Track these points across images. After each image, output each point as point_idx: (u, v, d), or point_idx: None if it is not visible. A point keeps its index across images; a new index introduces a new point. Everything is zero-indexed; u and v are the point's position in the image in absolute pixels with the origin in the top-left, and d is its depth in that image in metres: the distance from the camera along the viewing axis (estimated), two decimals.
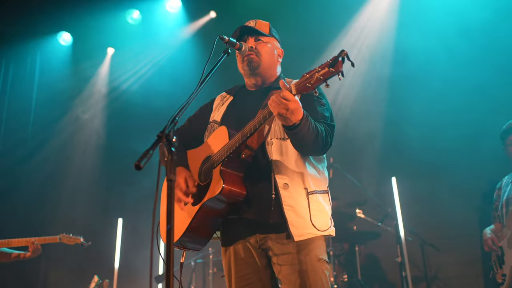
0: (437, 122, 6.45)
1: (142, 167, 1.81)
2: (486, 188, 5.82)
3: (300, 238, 2.53)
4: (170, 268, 1.77)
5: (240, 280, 2.70)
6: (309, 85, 2.23)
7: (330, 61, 2.17)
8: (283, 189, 2.56)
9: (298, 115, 2.35)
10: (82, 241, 5.20)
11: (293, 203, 2.55)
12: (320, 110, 2.68)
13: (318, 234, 2.60)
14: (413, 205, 6.31)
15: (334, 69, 2.15)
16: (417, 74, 6.64)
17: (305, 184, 2.62)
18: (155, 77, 8.20)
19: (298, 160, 2.63)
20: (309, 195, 2.61)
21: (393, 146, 6.61)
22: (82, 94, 8.50)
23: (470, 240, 6.11)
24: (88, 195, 7.91)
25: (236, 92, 3.01)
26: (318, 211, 2.62)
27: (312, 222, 2.57)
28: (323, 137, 2.54)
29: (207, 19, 8.03)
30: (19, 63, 8.39)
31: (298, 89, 2.28)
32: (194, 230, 2.66)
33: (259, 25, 2.90)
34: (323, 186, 2.74)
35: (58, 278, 7.92)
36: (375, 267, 6.86)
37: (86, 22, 7.95)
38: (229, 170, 2.59)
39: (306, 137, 2.46)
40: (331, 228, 2.68)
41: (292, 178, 2.59)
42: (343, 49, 2.16)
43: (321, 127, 2.56)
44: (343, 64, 2.14)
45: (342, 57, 2.13)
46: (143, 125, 7.45)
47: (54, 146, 8.16)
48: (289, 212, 2.54)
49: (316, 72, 2.21)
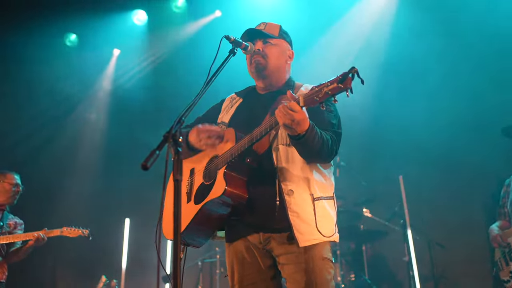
0: (443, 120, 6.42)
1: (149, 167, 1.82)
2: (493, 186, 5.80)
3: (305, 244, 2.53)
4: (176, 268, 1.77)
5: (243, 280, 2.71)
6: (317, 98, 2.22)
7: (340, 76, 2.16)
8: (288, 196, 2.56)
9: (304, 126, 2.35)
10: (85, 233, 5.18)
11: (298, 209, 2.55)
12: (328, 118, 2.68)
13: (324, 240, 2.60)
14: (420, 204, 6.29)
15: (343, 86, 2.14)
16: (424, 72, 6.62)
17: (311, 190, 2.62)
18: (159, 77, 8.21)
19: (304, 166, 2.63)
20: (315, 201, 2.60)
21: (400, 144, 6.59)
22: (88, 94, 8.53)
23: (477, 238, 6.07)
24: (95, 195, 7.93)
25: (246, 95, 3.01)
26: (324, 217, 2.62)
27: (318, 228, 2.57)
28: (328, 146, 2.55)
29: (212, 18, 8.03)
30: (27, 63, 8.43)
31: (306, 102, 2.28)
32: (194, 229, 2.69)
33: (269, 27, 2.89)
34: (329, 192, 2.73)
35: (66, 278, 7.96)
36: (382, 266, 6.84)
37: (92, 23, 7.97)
38: (233, 173, 2.60)
39: (311, 147, 2.46)
40: (335, 234, 2.68)
41: (298, 184, 2.59)
42: (353, 66, 2.14)
43: (327, 135, 2.56)
44: (352, 81, 2.13)
45: (352, 73, 2.12)
46: (150, 124, 7.45)
47: (61, 145, 8.19)
48: (294, 218, 2.54)
49: (325, 87, 2.20)
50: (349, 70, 2.13)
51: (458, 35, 6.51)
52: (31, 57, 7.96)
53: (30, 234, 4.94)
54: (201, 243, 2.84)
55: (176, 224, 1.82)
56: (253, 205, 2.62)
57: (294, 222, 2.53)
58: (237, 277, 2.74)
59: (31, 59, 7.96)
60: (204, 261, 6.81)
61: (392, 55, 6.80)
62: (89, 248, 6.95)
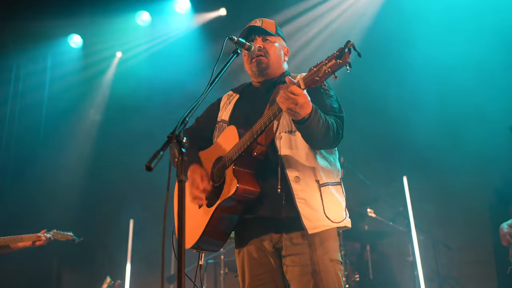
0: (447, 119, 6.41)
1: (153, 168, 1.82)
2: (498, 185, 5.78)
3: (314, 231, 2.51)
4: (181, 268, 1.77)
5: (253, 280, 2.70)
6: (317, 78, 2.22)
7: (336, 52, 2.16)
8: (295, 183, 2.54)
9: (307, 109, 2.34)
10: (74, 237, 5.20)
11: (305, 196, 2.53)
12: (329, 102, 2.67)
13: (333, 226, 2.58)
14: (424, 204, 6.27)
15: (342, 61, 2.14)
16: (427, 72, 6.60)
17: (317, 177, 2.60)
18: (162, 77, 8.21)
19: (308, 152, 2.62)
20: (321, 187, 2.58)
21: (404, 145, 6.57)
22: (92, 95, 8.55)
23: (482, 238, 6.06)
24: (99, 196, 7.95)
25: (243, 90, 3.01)
26: (332, 202, 2.60)
27: (326, 214, 2.55)
28: (334, 129, 2.53)
29: (216, 16, 8.04)
30: (31, 64, 8.47)
31: (306, 83, 2.27)
32: (210, 233, 2.66)
33: (265, 24, 2.89)
34: (336, 177, 2.72)
35: (71, 279, 7.98)
36: (387, 267, 6.82)
37: (96, 24, 7.99)
38: (241, 169, 2.58)
39: (316, 131, 2.45)
40: (346, 219, 2.66)
41: (303, 171, 2.58)
42: (349, 40, 2.14)
43: (331, 119, 2.55)
44: (350, 54, 2.13)
45: (348, 48, 2.12)
46: (156, 126, 7.45)
47: (66, 146, 8.21)
48: (301, 205, 2.52)
49: (324, 65, 2.20)
50: (345, 45, 2.13)
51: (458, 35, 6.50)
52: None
53: (34, 236, 4.93)
54: (217, 247, 2.79)
55: (180, 225, 1.82)
56: (262, 197, 2.60)
57: (302, 209, 2.51)
58: (247, 277, 2.72)
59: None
60: (208, 262, 6.81)
61: (394, 56, 6.79)
62: (94, 248, 6.99)
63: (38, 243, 4.92)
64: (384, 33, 6.96)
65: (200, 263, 2.83)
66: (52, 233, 5.05)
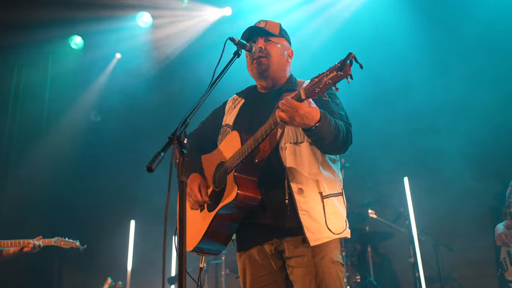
0: (448, 121, 6.40)
1: (154, 169, 1.82)
2: (499, 187, 5.78)
3: (316, 243, 2.52)
4: (182, 270, 1.76)
5: (255, 282, 2.70)
6: (318, 89, 2.20)
7: (338, 64, 2.13)
8: (298, 194, 2.54)
9: (314, 116, 2.33)
10: (78, 245, 5.22)
11: (308, 208, 2.54)
12: (336, 109, 2.66)
13: (334, 237, 2.59)
14: (425, 205, 6.27)
15: (343, 73, 2.11)
16: (428, 73, 6.60)
17: (320, 188, 2.60)
18: (164, 77, 8.22)
19: (312, 163, 2.62)
20: (324, 199, 2.59)
21: (405, 146, 6.57)
22: (94, 97, 8.55)
23: (483, 239, 6.05)
24: (100, 197, 7.95)
25: (248, 95, 2.99)
26: (333, 214, 2.60)
27: (328, 226, 2.56)
28: (344, 134, 2.52)
29: (220, 16, 8.04)
30: (32, 65, 8.48)
31: (307, 94, 2.25)
32: (211, 237, 2.67)
33: (269, 25, 2.87)
34: (338, 188, 2.72)
35: (72, 280, 7.99)
36: (388, 268, 6.82)
37: (96, 25, 8.00)
38: (243, 175, 2.57)
39: (327, 136, 2.43)
40: (346, 230, 2.67)
41: (307, 183, 2.58)
42: (350, 52, 2.11)
43: (341, 123, 2.54)
44: (351, 66, 2.10)
45: (349, 60, 2.10)
46: (156, 127, 7.46)
47: (67, 148, 8.21)
48: (304, 217, 2.52)
49: (325, 76, 2.17)
50: (346, 56, 2.10)
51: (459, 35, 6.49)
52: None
53: (26, 241, 4.91)
54: (218, 250, 2.79)
55: (181, 226, 1.82)
56: (265, 205, 2.60)
57: (305, 221, 2.51)
58: (249, 279, 2.72)
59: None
60: (209, 263, 6.81)
61: (398, 56, 6.79)
62: (95, 250, 6.97)
63: (26, 249, 4.90)
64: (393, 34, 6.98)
65: (200, 266, 2.83)
66: (55, 239, 5.05)
